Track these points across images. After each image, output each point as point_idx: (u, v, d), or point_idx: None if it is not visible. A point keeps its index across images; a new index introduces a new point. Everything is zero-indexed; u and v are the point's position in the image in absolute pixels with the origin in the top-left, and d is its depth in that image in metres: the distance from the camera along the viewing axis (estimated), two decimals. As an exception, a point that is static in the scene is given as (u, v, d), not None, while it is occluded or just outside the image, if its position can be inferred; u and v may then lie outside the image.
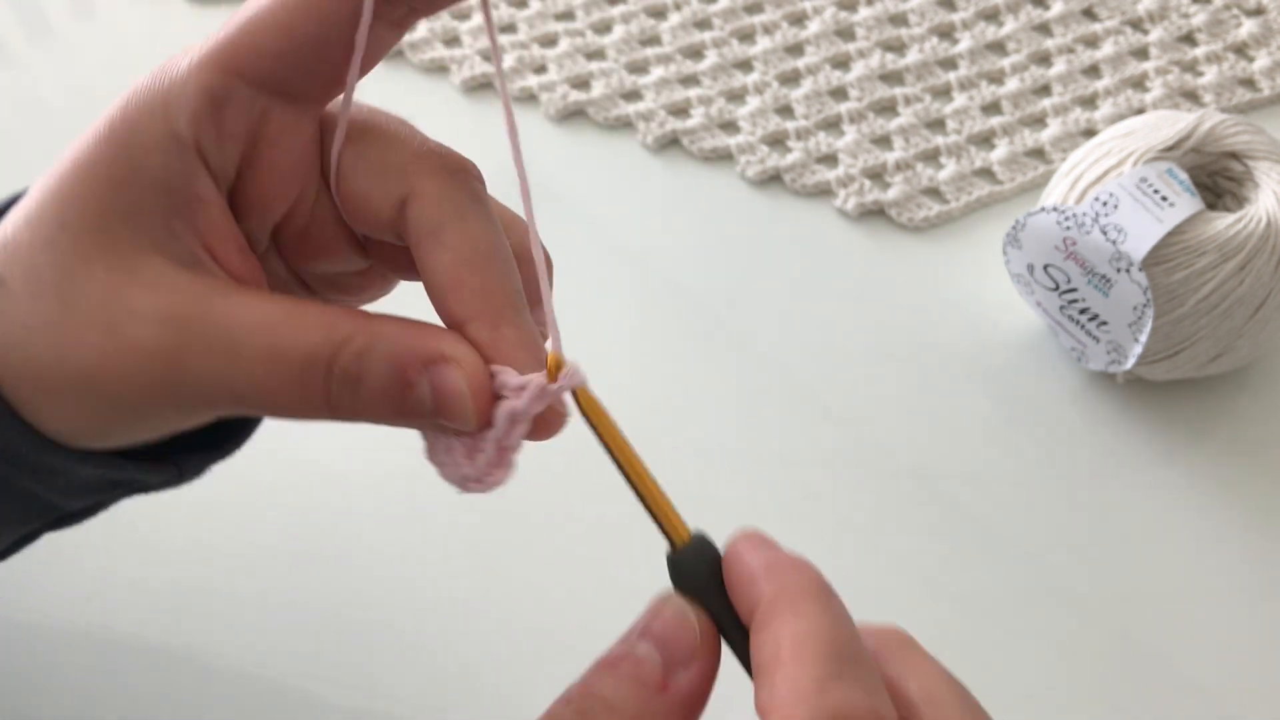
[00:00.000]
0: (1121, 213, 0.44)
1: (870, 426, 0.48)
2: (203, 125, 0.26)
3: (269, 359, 0.25)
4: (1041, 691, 0.42)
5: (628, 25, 0.60)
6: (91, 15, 0.62)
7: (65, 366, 0.26)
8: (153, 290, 0.25)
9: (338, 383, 0.25)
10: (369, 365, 0.25)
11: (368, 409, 0.26)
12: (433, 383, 0.25)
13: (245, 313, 0.25)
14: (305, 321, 0.25)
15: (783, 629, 0.22)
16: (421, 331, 0.25)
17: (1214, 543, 0.45)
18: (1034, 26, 0.60)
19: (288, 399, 0.25)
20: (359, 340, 0.25)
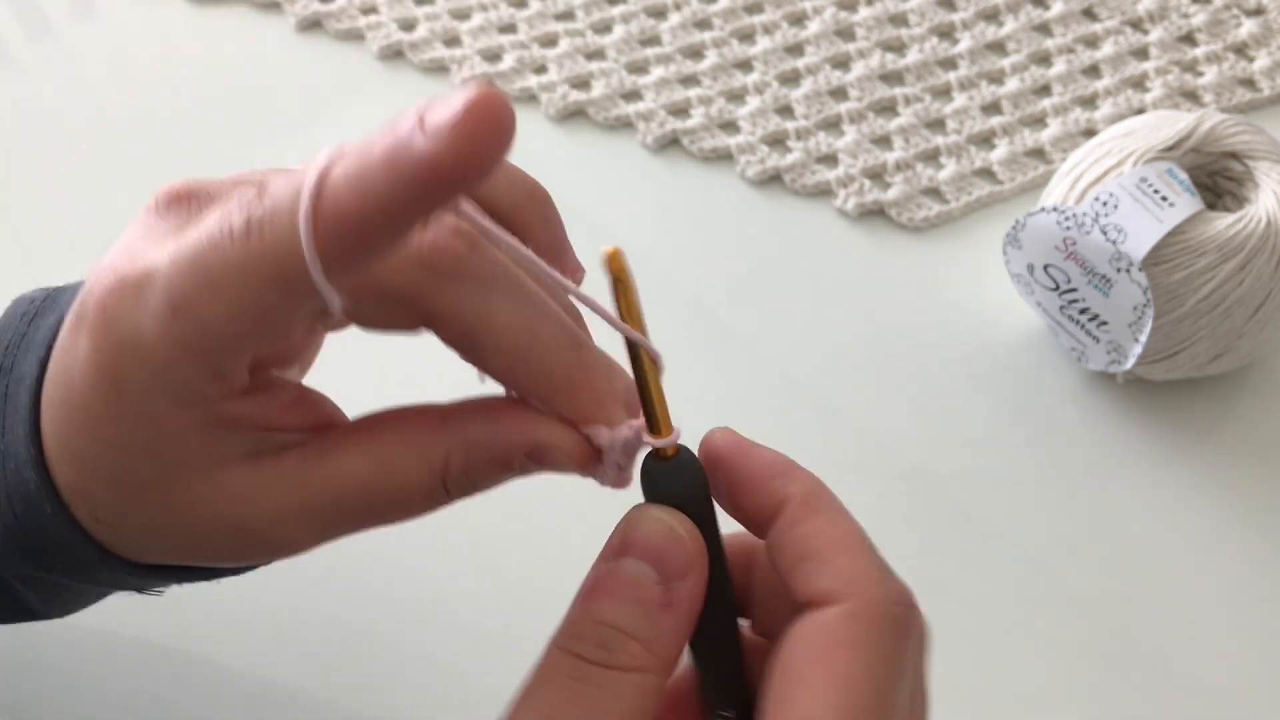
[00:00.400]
0: (1121, 213, 0.44)
1: (870, 426, 0.48)
2: (205, 390, 0.25)
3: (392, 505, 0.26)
4: (1041, 691, 0.42)
5: (628, 25, 0.60)
6: (91, 15, 0.62)
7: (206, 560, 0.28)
8: (252, 503, 0.25)
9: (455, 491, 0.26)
10: (476, 473, 0.26)
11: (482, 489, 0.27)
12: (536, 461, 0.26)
13: (345, 479, 0.26)
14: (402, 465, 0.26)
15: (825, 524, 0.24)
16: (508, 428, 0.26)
17: (1214, 542, 0.45)
18: (1034, 26, 0.60)
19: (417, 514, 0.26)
20: (456, 457, 0.26)
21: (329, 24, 0.60)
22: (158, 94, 0.59)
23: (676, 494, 0.25)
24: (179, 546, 0.27)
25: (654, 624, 0.23)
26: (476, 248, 0.25)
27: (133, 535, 0.27)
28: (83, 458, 0.26)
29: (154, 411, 0.24)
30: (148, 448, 0.25)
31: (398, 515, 0.26)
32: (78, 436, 0.25)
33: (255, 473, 0.26)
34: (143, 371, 0.24)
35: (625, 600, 0.24)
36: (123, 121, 0.58)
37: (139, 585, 0.30)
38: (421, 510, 0.26)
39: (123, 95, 0.59)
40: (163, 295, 0.23)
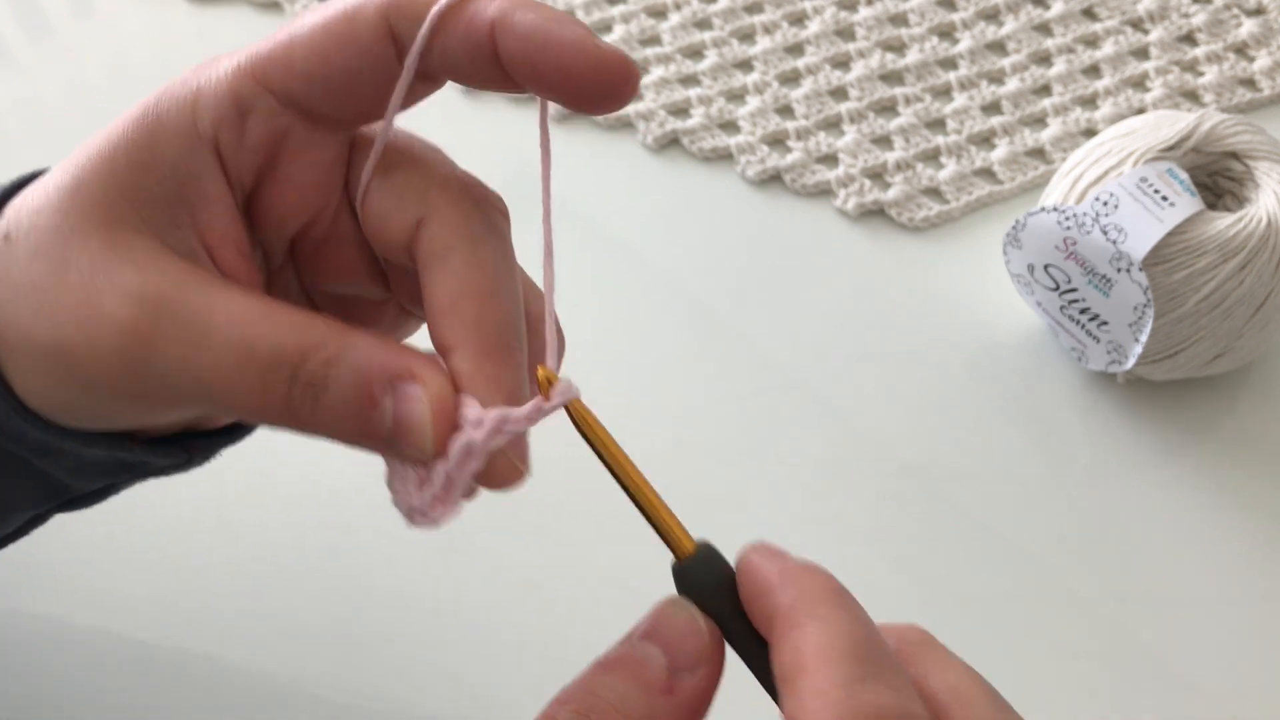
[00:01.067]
0: (1122, 212, 0.44)
1: (870, 426, 0.48)
2: (224, 127, 0.26)
3: (236, 353, 0.25)
4: (1041, 691, 0.42)
5: (628, 25, 0.60)
6: (91, 15, 0.62)
7: (40, 332, 0.26)
8: (138, 269, 0.25)
9: (301, 387, 0.25)
10: (335, 373, 0.25)
11: (327, 421, 0.25)
12: (395, 403, 0.24)
13: (223, 304, 0.25)
14: (280, 320, 0.25)
15: (804, 636, 0.22)
16: (395, 350, 0.25)
17: (1214, 542, 0.45)
18: (1034, 26, 0.60)
19: (248, 398, 0.25)
20: (330, 347, 0.25)
21: (329, 24, 0.60)
22: (158, 94, 0.58)
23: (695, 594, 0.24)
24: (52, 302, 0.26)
25: (648, 706, 0.23)
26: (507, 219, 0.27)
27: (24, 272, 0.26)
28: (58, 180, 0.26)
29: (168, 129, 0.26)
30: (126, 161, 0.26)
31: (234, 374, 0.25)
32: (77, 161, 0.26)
33: (165, 258, 0.26)
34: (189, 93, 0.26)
35: (627, 677, 0.23)
36: (123, 121, 0.58)
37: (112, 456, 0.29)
38: (255, 392, 0.25)
39: (123, 95, 0.58)
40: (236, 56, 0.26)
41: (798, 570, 0.23)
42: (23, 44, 0.61)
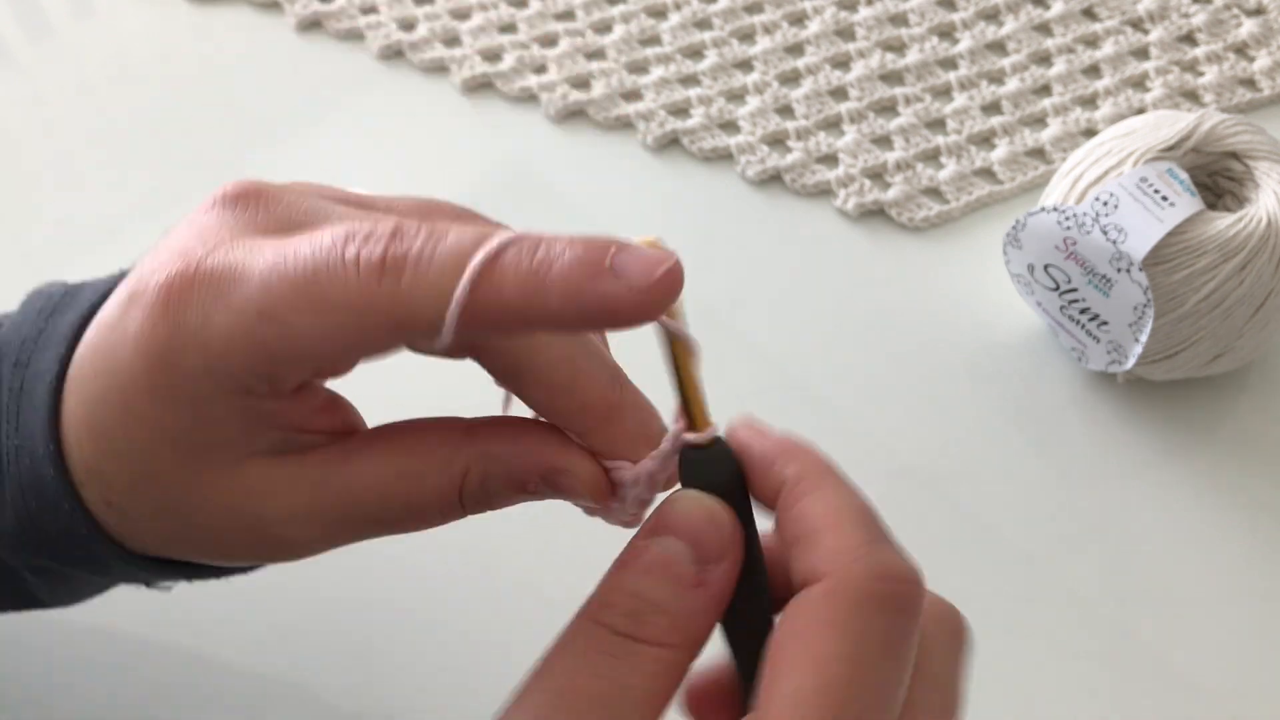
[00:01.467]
0: (1122, 212, 0.44)
1: (870, 426, 0.48)
2: (257, 388, 0.25)
3: (409, 513, 0.26)
4: (1041, 691, 0.42)
5: (628, 25, 0.60)
6: (91, 15, 0.62)
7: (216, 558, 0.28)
8: (273, 497, 0.26)
9: (470, 506, 0.27)
10: (491, 489, 0.27)
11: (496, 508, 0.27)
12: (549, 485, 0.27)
13: (366, 483, 0.26)
14: (421, 472, 0.26)
15: (816, 502, 0.24)
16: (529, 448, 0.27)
17: (1214, 543, 0.45)
18: (1034, 26, 0.60)
19: (431, 525, 0.27)
20: (474, 470, 0.26)
21: (329, 24, 0.60)
22: (158, 94, 0.58)
23: (712, 482, 0.25)
24: (188, 537, 0.27)
25: (684, 601, 0.23)
26: None
27: (142, 521, 0.27)
28: (107, 433, 0.26)
29: (198, 397, 0.25)
30: (180, 431, 0.25)
31: (411, 524, 0.27)
32: (109, 410, 0.25)
33: (278, 469, 0.26)
34: (200, 358, 0.24)
35: (658, 575, 0.23)
36: (123, 121, 0.58)
37: (147, 579, 0.30)
38: (435, 522, 0.27)
39: (123, 95, 0.59)
40: (255, 296, 0.24)
41: (795, 446, 0.25)
42: (23, 44, 0.61)
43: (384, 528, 0.27)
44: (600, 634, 0.23)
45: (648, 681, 0.22)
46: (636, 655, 0.22)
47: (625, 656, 0.22)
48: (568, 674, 0.22)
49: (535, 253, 0.23)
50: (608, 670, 0.22)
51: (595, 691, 0.22)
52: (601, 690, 0.22)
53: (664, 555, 0.24)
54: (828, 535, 0.23)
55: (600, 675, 0.22)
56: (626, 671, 0.22)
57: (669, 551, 0.24)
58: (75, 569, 0.29)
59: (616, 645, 0.23)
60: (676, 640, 0.23)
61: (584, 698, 0.22)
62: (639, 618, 0.23)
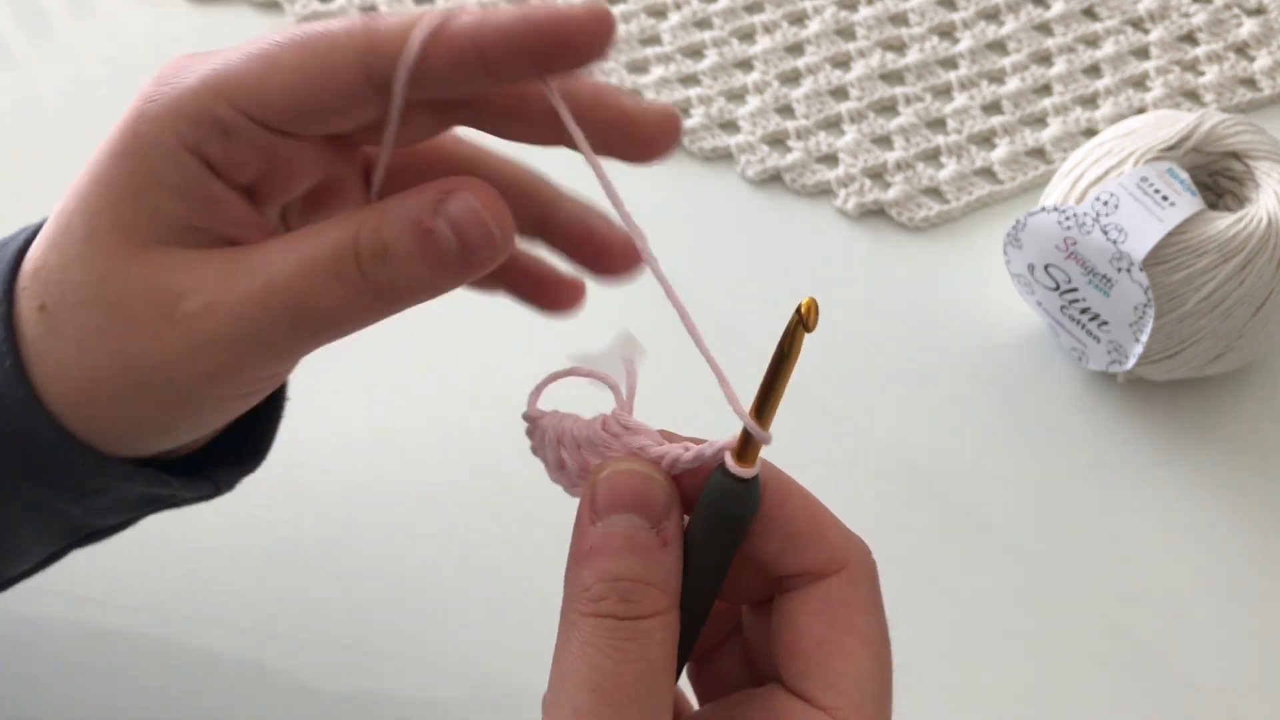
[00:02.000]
0: (1122, 212, 0.44)
1: (870, 426, 0.48)
2: (211, 146, 0.26)
3: (304, 271, 0.26)
4: (1042, 691, 0.42)
5: (628, 25, 0.60)
6: (91, 15, 0.62)
7: (130, 366, 0.27)
8: (189, 272, 0.26)
9: (368, 262, 0.26)
10: (388, 233, 0.26)
11: (407, 277, 0.26)
12: (448, 219, 0.26)
13: (272, 250, 0.26)
14: (321, 229, 0.26)
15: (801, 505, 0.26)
16: (425, 185, 0.27)
17: (1214, 542, 0.45)
18: (1034, 26, 0.60)
19: (335, 300, 0.26)
20: (370, 218, 0.26)
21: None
22: (158, 94, 0.58)
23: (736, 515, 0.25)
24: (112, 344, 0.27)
25: (659, 566, 0.25)
26: None
27: (66, 319, 0.27)
28: (64, 223, 0.27)
29: (155, 161, 0.26)
30: (130, 204, 0.26)
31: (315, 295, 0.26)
32: (71, 203, 0.27)
33: (205, 256, 0.27)
34: (169, 110, 0.26)
35: (631, 553, 0.25)
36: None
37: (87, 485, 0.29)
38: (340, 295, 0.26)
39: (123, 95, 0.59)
40: (231, 53, 0.26)
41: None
42: (23, 44, 0.61)
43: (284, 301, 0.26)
44: (608, 625, 0.24)
45: (663, 648, 0.24)
46: (648, 631, 0.24)
47: (639, 636, 0.24)
48: (600, 670, 0.24)
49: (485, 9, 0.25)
50: (631, 654, 0.24)
51: (630, 675, 0.24)
52: (635, 671, 0.24)
53: (629, 533, 0.25)
54: (830, 531, 0.26)
55: (628, 660, 0.24)
56: (646, 647, 0.24)
57: (628, 526, 0.25)
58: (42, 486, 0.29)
59: (627, 629, 0.24)
60: (667, 603, 0.24)
61: (625, 684, 0.23)
62: (634, 598, 0.24)
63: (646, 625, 0.24)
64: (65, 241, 0.27)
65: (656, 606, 0.24)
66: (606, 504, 0.25)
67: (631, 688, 0.23)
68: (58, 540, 0.31)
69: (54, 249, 0.27)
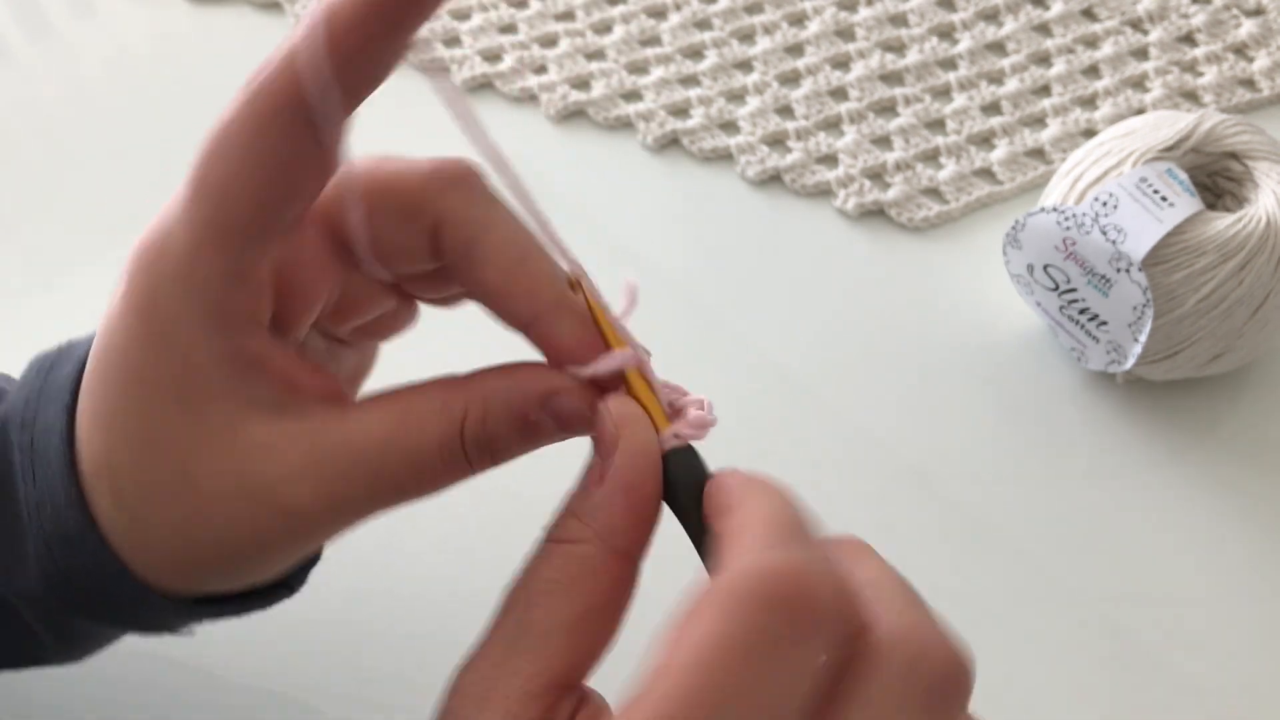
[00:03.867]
0: (1121, 213, 0.44)
1: (869, 426, 0.48)
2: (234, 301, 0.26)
3: (413, 464, 0.27)
4: (1041, 691, 0.42)
5: (628, 25, 0.60)
6: (91, 15, 0.62)
7: (225, 552, 0.27)
8: (274, 458, 0.26)
9: (473, 450, 0.27)
10: (493, 425, 0.27)
11: (502, 457, 0.27)
12: (549, 412, 0.27)
13: (366, 434, 0.27)
14: (420, 417, 0.27)
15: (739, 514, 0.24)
16: (522, 377, 0.27)
17: (1214, 542, 0.45)
18: (1034, 27, 0.60)
19: (438, 483, 0.27)
20: (474, 409, 0.27)
21: (329, 24, 0.60)
22: (158, 94, 0.58)
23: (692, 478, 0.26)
24: (197, 524, 0.27)
25: (587, 498, 0.25)
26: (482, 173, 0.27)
27: (151, 514, 0.27)
28: (111, 412, 0.26)
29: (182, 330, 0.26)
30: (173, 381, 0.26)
31: (417, 478, 0.27)
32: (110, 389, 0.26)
33: (276, 425, 0.26)
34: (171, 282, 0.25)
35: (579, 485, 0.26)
36: (123, 121, 0.58)
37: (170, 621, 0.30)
38: (441, 478, 0.27)
39: (123, 95, 0.59)
40: (184, 188, 0.25)
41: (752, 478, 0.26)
42: (23, 44, 0.61)
43: (389, 486, 0.27)
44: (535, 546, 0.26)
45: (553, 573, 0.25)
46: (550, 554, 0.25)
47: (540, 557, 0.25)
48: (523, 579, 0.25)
49: None
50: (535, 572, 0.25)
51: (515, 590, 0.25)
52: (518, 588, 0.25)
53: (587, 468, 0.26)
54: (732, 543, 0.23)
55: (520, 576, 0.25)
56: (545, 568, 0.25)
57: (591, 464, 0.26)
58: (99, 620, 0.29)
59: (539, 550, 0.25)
60: (583, 534, 0.25)
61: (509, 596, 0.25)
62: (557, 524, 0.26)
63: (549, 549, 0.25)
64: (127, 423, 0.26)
65: (568, 534, 0.25)
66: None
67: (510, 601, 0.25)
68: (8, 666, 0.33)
69: (117, 435, 0.27)
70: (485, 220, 0.27)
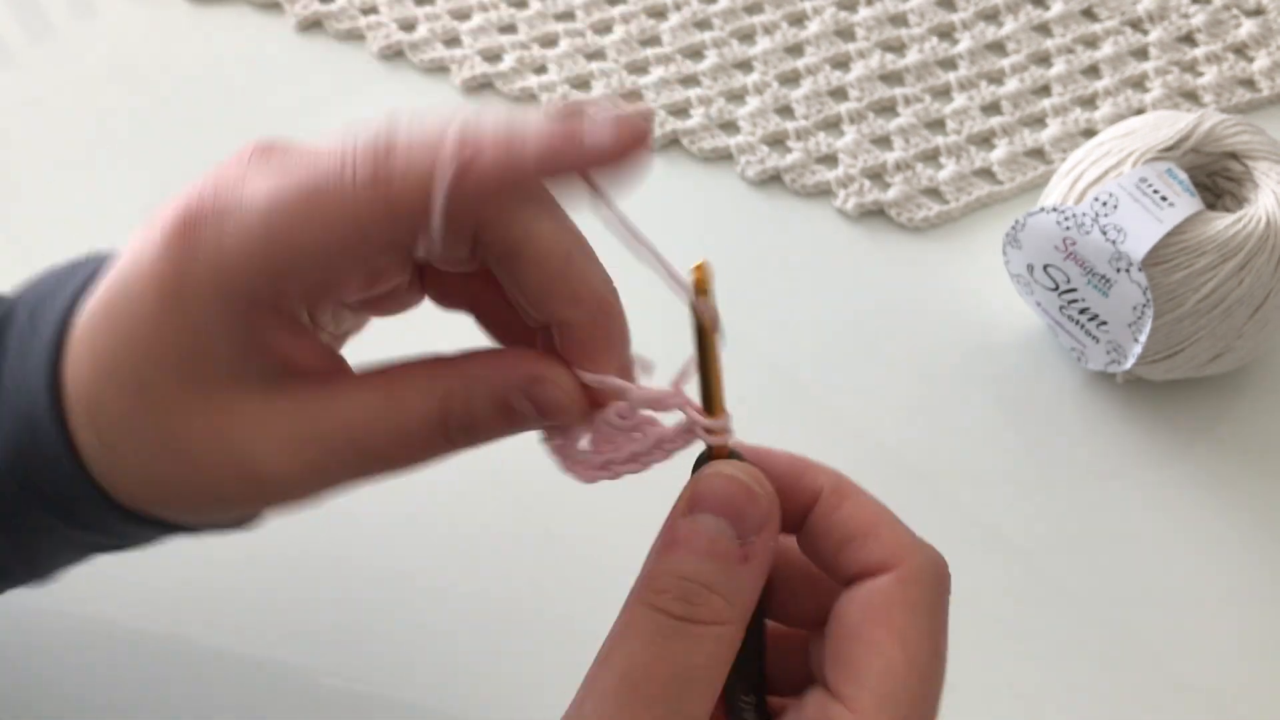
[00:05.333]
0: (1121, 213, 0.44)
1: (870, 426, 0.48)
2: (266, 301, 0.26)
3: (396, 441, 0.27)
4: (1041, 691, 0.42)
5: (628, 25, 0.60)
6: (91, 15, 0.62)
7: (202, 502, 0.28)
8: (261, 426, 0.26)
9: (455, 431, 0.27)
10: (476, 408, 0.27)
11: (482, 438, 0.27)
12: (531, 398, 0.27)
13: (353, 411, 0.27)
14: (406, 398, 0.27)
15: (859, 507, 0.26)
16: (507, 362, 0.27)
17: (1213, 542, 0.45)
18: (1034, 27, 0.60)
19: (418, 459, 0.27)
20: (459, 391, 0.27)
21: (329, 24, 0.60)
22: (158, 94, 0.58)
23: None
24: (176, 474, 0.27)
25: (733, 577, 0.24)
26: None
27: (132, 457, 0.27)
28: (111, 359, 0.26)
29: (203, 317, 0.26)
30: (180, 351, 0.26)
31: (398, 456, 0.27)
32: (115, 338, 0.26)
33: (266, 398, 0.26)
34: (210, 278, 0.25)
35: (704, 554, 0.24)
36: (123, 121, 0.58)
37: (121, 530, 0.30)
38: (421, 454, 0.27)
39: (123, 95, 0.59)
40: (259, 218, 0.25)
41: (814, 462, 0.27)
42: (23, 44, 0.61)
43: (370, 461, 0.27)
44: (659, 619, 0.24)
45: (709, 659, 0.24)
46: (697, 637, 0.24)
47: (686, 639, 0.24)
48: (634, 660, 0.24)
49: (508, 137, 0.24)
50: (671, 654, 0.24)
51: (663, 674, 0.23)
52: (669, 672, 0.23)
53: (709, 535, 0.25)
54: (885, 532, 0.25)
55: (665, 658, 0.24)
56: (690, 652, 0.24)
57: (711, 529, 0.25)
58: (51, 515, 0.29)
59: (677, 629, 0.24)
60: (730, 616, 0.24)
61: (655, 681, 0.23)
62: (694, 601, 0.24)
63: (697, 631, 0.24)
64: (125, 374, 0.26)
65: (716, 615, 0.24)
66: (698, 502, 0.25)
67: (660, 687, 0.23)
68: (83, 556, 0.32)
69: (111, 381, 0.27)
70: (530, 224, 0.27)
